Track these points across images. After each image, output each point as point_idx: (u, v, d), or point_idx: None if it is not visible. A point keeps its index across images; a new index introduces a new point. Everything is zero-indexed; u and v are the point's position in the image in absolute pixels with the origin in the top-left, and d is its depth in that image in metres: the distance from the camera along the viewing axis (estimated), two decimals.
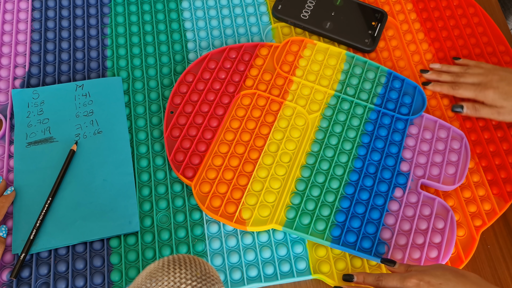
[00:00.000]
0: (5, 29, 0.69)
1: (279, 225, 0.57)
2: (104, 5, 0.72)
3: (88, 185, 0.58)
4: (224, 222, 0.57)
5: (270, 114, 0.64)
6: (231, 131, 0.62)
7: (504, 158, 0.63)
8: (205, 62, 0.67)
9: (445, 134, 0.64)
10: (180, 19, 0.72)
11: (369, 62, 0.68)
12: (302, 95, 0.66)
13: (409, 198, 0.60)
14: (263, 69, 0.67)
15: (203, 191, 0.58)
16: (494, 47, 0.71)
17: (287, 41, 0.69)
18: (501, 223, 0.61)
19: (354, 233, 0.57)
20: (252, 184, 0.59)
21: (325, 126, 0.64)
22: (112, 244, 0.56)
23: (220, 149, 0.61)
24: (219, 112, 0.64)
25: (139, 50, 0.69)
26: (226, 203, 0.58)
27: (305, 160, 0.61)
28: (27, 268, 0.54)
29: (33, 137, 0.61)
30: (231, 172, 0.60)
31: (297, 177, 0.60)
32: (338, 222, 0.58)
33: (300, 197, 0.59)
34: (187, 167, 0.60)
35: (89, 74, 0.66)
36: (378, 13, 0.72)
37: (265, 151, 0.61)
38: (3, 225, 0.55)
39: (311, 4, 0.73)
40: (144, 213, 0.58)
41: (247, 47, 0.69)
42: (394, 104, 0.66)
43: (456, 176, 0.61)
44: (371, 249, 0.56)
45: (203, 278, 0.37)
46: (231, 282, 0.55)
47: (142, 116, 0.64)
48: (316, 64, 0.68)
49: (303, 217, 0.58)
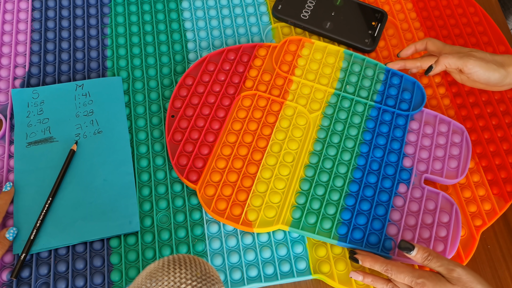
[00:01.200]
0: (5, 29, 0.69)
1: (286, 225, 0.57)
2: (104, 5, 0.72)
3: (88, 185, 0.58)
4: (231, 225, 0.57)
5: (271, 114, 0.64)
6: (233, 133, 0.62)
7: (504, 158, 0.63)
8: (204, 65, 0.66)
9: (446, 128, 0.64)
10: (180, 19, 0.72)
11: (367, 60, 0.68)
12: (302, 94, 0.66)
13: (413, 193, 0.60)
14: (262, 70, 0.67)
15: (208, 194, 0.58)
16: (494, 47, 0.71)
17: (285, 41, 0.69)
18: (501, 223, 0.61)
19: (361, 230, 0.57)
20: (256, 186, 0.59)
21: (326, 125, 0.64)
22: (112, 244, 0.56)
23: (223, 151, 0.61)
24: (220, 114, 0.64)
25: (139, 50, 0.69)
26: (232, 205, 0.58)
27: (308, 160, 0.61)
28: (27, 268, 0.54)
29: (33, 137, 0.61)
30: (235, 174, 0.60)
31: (301, 177, 0.60)
32: (344, 220, 0.58)
33: (305, 196, 0.59)
34: (190, 170, 0.60)
35: (89, 74, 0.66)
36: (378, 13, 0.72)
37: (268, 152, 0.61)
38: (13, 227, 0.55)
39: (311, 4, 0.73)
40: (144, 213, 0.58)
41: (245, 48, 0.69)
42: (394, 101, 0.66)
43: (458, 170, 0.62)
44: (378, 245, 0.56)
45: (203, 278, 0.37)
46: (231, 282, 0.55)
47: (142, 116, 0.64)
48: (314, 63, 0.68)
49: (309, 217, 0.58)
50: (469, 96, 0.68)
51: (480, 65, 0.58)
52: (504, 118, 0.66)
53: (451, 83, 0.69)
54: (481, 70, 0.58)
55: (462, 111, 0.67)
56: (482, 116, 0.66)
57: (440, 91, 0.68)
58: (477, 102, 0.67)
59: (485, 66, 0.58)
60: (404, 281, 0.51)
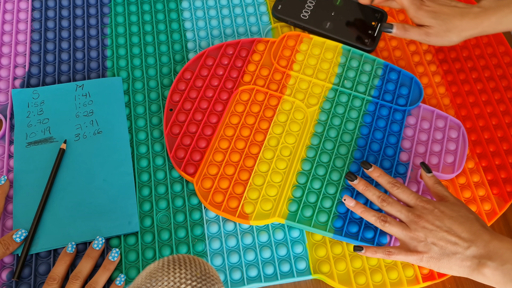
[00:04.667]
0: (5, 29, 0.69)
1: (282, 218, 0.57)
2: (104, 5, 0.72)
3: (88, 185, 0.58)
4: (227, 217, 0.57)
5: (269, 108, 0.64)
6: (230, 126, 0.62)
7: (504, 158, 0.63)
8: (202, 59, 0.67)
9: (443, 124, 0.65)
10: (180, 19, 0.72)
11: (365, 55, 0.69)
12: (300, 89, 0.66)
13: (409, 187, 0.60)
14: (261, 65, 0.67)
15: (205, 187, 0.58)
16: (494, 47, 0.71)
17: (284, 36, 0.69)
18: (501, 223, 0.61)
19: (356, 223, 0.57)
20: (253, 179, 0.59)
21: (324, 119, 0.64)
22: (112, 244, 0.56)
23: (220, 145, 0.61)
24: (218, 108, 0.64)
25: (139, 50, 0.69)
26: (229, 198, 0.58)
27: (305, 154, 0.62)
28: (27, 268, 0.54)
29: (33, 137, 0.61)
30: (232, 167, 0.60)
31: (298, 171, 0.60)
32: (340, 213, 0.58)
33: (302, 190, 0.59)
34: (188, 163, 0.60)
35: (89, 74, 0.66)
36: (378, 13, 0.72)
37: (265, 146, 0.61)
38: (22, 229, 0.54)
39: (311, 4, 0.73)
40: (144, 213, 0.58)
41: (244, 43, 0.69)
42: (392, 96, 0.66)
43: (455, 165, 0.62)
44: (374, 239, 0.57)
45: (203, 278, 0.37)
46: (231, 282, 0.55)
47: (142, 116, 0.64)
48: (313, 58, 0.68)
49: (305, 210, 0.58)
50: (469, 96, 0.68)
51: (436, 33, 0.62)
52: (504, 118, 0.66)
53: (451, 83, 0.69)
54: (436, 38, 0.63)
55: (462, 111, 0.67)
56: (482, 116, 0.67)
57: (440, 90, 0.68)
58: (477, 102, 0.67)
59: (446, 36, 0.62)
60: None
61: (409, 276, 0.56)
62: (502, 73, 0.69)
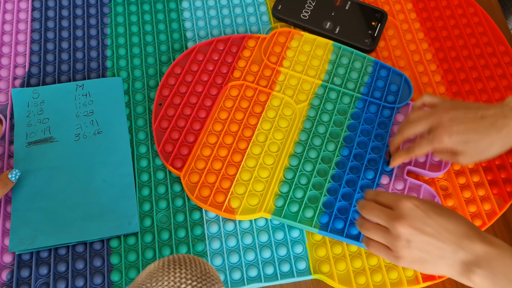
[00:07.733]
0: (5, 29, 0.69)
1: (268, 213, 0.58)
2: (104, 5, 0.72)
3: (87, 185, 0.58)
4: (213, 212, 0.58)
5: (258, 104, 0.64)
6: (219, 122, 0.63)
7: (504, 158, 0.63)
8: (193, 54, 0.67)
9: None
10: (180, 19, 0.72)
11: (355, 52, 0.69)
12: (289, 85, 0.66)
13: (395, 185, 0.61)
14: (251, 61, 0.67)
15: (192, 181, 0.59)
16: (494, 47, 0.71)
17: (274, 33, 0.70)
18: (501, 223, 0.61)
19: (342, 220, 0.58)
20: (240, 174, 0.59)
21: (312, 116, 0.64)
22: (112, 244, 0.56)
23: (208, 139, 0.61)
24: (207, 103, 0.64)
25: (139, 50, 0.69)
26: (215, 192, 0.58)
27: (293, 149, 0.62)
28: (27, 268, 0.54)
29: (33, 137, 0.61)
30: (219, 162, 0.60)
31: (285, 166, 0.61)
32: (326, 209, 0.58)
33: (289, 185, 0.60)
34: (176, 158, 0.60)
35: (89, 74, 0.66)
36: (378, 13, 0.72)
37: (253, 141, 0.62)
38: (16, 169, 0.56)
39: (311, 4, 0.73)
40: (144, 213, 0.58)
41: (235, 39, 0.69)
42: (381, 93, 0.66)
43: (441, 163, 0.62)
44: (359, 236, 0.57)
45: (203, 278, 0.37)
46: (231, 282, 0.55)
47: (142, 116, 0.64)
48: (303, 55, 0.68)
49: (292, 205, 0.58)
50: (469, 96, 0.68)
51: (473, 159, 0.54)
52: None
53: (451, 82, 0.69)
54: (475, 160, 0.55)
55: None
56: None
57: (439, 90, 0.68)
58: (477, 101, 0.67)
59: (478, 157, 0.54)
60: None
61: (409, 276, 0.56)
62: (502, 72, 0.69)
